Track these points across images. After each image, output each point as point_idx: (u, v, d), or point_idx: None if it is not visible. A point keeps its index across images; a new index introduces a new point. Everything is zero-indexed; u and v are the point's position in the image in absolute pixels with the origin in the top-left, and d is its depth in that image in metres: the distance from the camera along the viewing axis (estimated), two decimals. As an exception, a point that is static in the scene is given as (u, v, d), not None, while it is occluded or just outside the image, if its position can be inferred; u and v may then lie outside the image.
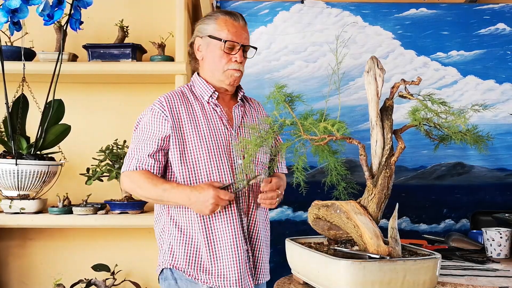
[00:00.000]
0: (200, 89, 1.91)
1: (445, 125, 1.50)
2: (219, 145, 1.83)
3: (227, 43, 1.84)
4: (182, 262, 1.81)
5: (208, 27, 1.89)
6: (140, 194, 1.82)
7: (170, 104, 1.84)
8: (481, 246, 2.22)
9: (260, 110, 2.06)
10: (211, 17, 1.91)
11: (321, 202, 1.65)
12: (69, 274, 2.72)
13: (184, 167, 1.80)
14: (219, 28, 1.86)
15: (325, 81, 2.67)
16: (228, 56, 1.86)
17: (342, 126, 1.52)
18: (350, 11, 2.80)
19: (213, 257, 1.80)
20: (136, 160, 1.79)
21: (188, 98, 1.89)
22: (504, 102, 2.78)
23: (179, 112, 1.84)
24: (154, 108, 1.84)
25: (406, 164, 2.74)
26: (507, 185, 2.74)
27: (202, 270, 1.81)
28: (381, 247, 1.44)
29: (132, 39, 2.71)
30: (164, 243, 1.88)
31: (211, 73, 1.90)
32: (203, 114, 1.87)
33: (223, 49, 1.85)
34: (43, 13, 2.04)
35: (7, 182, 2.40)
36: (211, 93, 1.89)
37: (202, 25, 1.92)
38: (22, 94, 2.48)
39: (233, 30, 1.86)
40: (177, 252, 1.83)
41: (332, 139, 1.54)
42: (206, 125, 1.84)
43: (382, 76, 1.56)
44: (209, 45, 1.88)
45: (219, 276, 1.80)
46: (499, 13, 2.81)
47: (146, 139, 1.82)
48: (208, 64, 1.90)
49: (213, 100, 1.89)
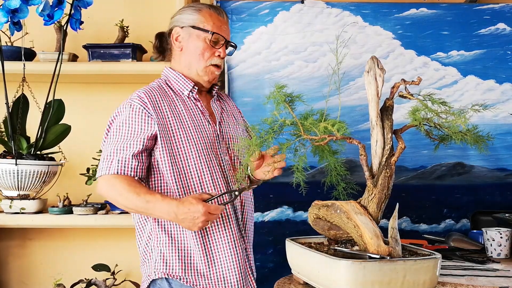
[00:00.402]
0: (178, 84, 1.79)
1: (445, 125, 1.50)
2: (206, 141, 1.72)
3: (214, 35, 1.74)
4: (178, 270, 1.67)
5: (191, 17, 1.78)
6: (120, 203, 1.64)
7: (151, 100, 1.69)
8: (481, 246, 2.22)
9: (232, 103, 1.99)
10: (193, 8, 1.80)
11: (321, 202, 1.65)
12: (69, 274, 2.72)
13: (174, 167, 1.68)
14: (204, 20, 1.76)
15: (325, 81, 2.67)
16: (212, 49, 1.76)
17: (342, 126, 1.52)
18: (350, 11, 2.80)
19: (210, 261, 1.69)
20: (117, 162, 1.61)
21: (167, 93, 1.76)
22: (504, 102, 2.78)
23: (161, 108, 1.70)
24: (134, 104, 1.68)
25: (406, 164, 2.73)
26: (507, 185, 2.74)
27: (200, 275, 1.69)
28: (381, 247, 1.44)
29: (132, 39, 2.71)
30: (153, 251, 1.72)
31: (188, 66, 1.79)
32: (186, 109, 1.75)
33: (208, 42, 1.75)
34: (43, 13, 2.04)
35: (7, 182, 2.40)
36: (191, 88, 1.78)
37: (182, 15, 1.81)
38: (22, 94, 2.48)
39: (218, 24, 1.78)
40: (170, 259, 1.69)
41: (332, 139, 1.54)
42: (191, 122, 1.73)
43: (382, 76, 1.56)
44: (191, 36, 1.77)
45: (219, 280, 1.70)
46: (499, 13, 2.81)
47: (128, 139, 1.65)
48: (188, 56, 1.78)
49: (194, 95, 1.78)
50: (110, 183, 1.63)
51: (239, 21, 2.76)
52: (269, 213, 2.66)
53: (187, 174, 1.70)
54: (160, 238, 1.71)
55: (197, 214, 1.56)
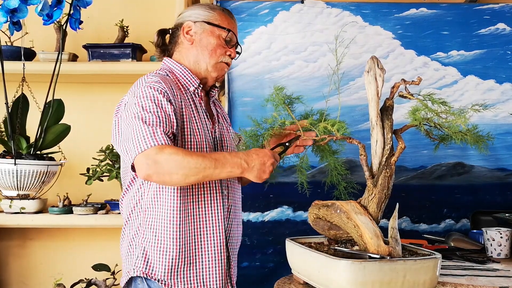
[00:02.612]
0: (185, 78, 1.72)
1: (445, 125, 1.51)
2: (206, 139, 1.67)
3: (230, 33, 1.73)
4: (158, 271, 1.60)
5: (205, 13, 1.74)
6: (180, 173, 1.45)
7: (168, 85, 1.60)
8: (481, 246, 2.22)
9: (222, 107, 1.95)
10: (206, 7, 1.78)
11: (321, 202, 1.65)
12: (69, 274, 2.72)
13: None
14: (218, 18, 1.74)
15: (325, 81, 2.66)
16: (225, 48, 1.73)
17: (342, 126, 1.52)
18: (350, 11, 2.80)
19: (192, 266, 1.63)
20: (163, 135, 1.47)
21: (177, 84, 1.69)
22: (504, 102, 2.78)
23: (176, 97, 1.62)
24: (154, 86, 1.56)
25: (406, 164, 2.73)
26: (507, 185, 2.74)
27: (179, 279, 1.62)
28: (381, 247, 1.44)
29: (132, 39, 2.71)
30: (136, 247, 1.65)
31: (196, 60, 1.73)
32: (193, 103, 1.70)
33: (222, 39, 1.72)
34: (42, 12, 2.04)
35: (6, 182, 2.40)
36: (197, 85, 1.72)
37: (194, 10, 1.76)
38: (22, 94, 2.48)
39: (232, 26, 1.77)
40: (152, 259, 1.61)
41: (332, 139, 1.54)
42: (198, 118, 1.68)
43: (382, 76, 1.56)
44: (205, 31, 1.72)
45: (199, 285, 1.65)
46: (499, 13, 2.81)
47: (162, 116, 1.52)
48: (197, 50, 1.72)
49: (198, 92, 1.74)
50: (163, 157, 1.44)
51: (239, 21, 2.74)
52: (269, 213, 2.66)
53: None
54: (146, 235, 1.63)
55: (266, 158, 1.54)
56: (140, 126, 1.49)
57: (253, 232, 2.64)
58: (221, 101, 2.78)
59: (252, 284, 2.59)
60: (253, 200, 2.60)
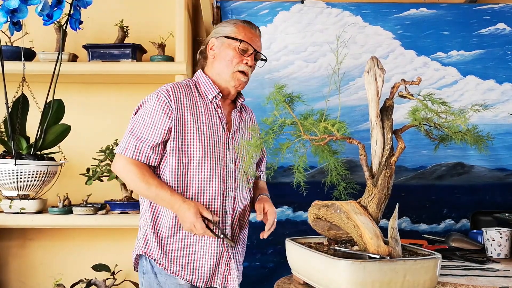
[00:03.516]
0: (205, 87, 1.91)
1: (445, 125, 1.51)
2: (216, 146, 1.84)
3: (242, 43, 1.87)
4: (155, 253, 1.81)
5: (225, 29, 1.92)
6: (131, 186, 1.86)
7: (176, 95, 1.83)
8: (481, 246, 2.22)
9: (253, 119, 2.10)
10: (229, 22, 1.97)
11: (321, 202, 1.65)
12: (69, 274, 2.72)
13: (180, 161, 1.79)
14: (236, 30, 1.90)
15: (325, 81, 2.67)
16: (241, 57, 1.88)
17: (342, 126, 1.52)
18: (350, 11, 2.80)
19: (186, 250, 1.82)
20: (134, 148, 1.78)
21: (192, 93, 1.89)
22: (504, 102, 2.78)
23: (183, 104, 1.83)
24: (160, 96, 1.82)
25: (406, 164, 2.73)
26: (507, 185, 2.74)
27: (172, 261, 1.81)
28: (381, 247, 1.44)
29: (132, 39, 2.71)
30: (141, 229, 1.89)
31: (218, 72, 1.91)
32: (206, 112, 1.87)
33: (237, 49, 1.87)
34: (42, 13, 2.04)
35: (6, 182, 2.40)
36: (216, 94, 1.89)
37: (219, 28, 1.96)
38: (22, 94, 2.48)
39: (249, 35, 1.90)
40: (150, 241, 1.83)
41: (332, 139, 1.54)
42: (207, 124, 1.85)
43: (382, 76, 1.56)
44: (223, 44, 1.90)
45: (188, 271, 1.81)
46: (499, 13, 2.81)
47: (150, 128, 1.80)
48: (218, 63, 1.91)
49: (216, 101, 1.90)
50: (127, 169, 1.79)
51: (239, 21, 2.76)
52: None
53: (189, 171, 1.81)
54: (147, 220, 1.86)
55: (187, 219, 1.74)
56: (127, 132, 1.82)
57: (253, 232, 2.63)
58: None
59: (252, 284, 2.59)
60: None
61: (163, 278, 1.81)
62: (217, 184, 1.82)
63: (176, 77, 2.54)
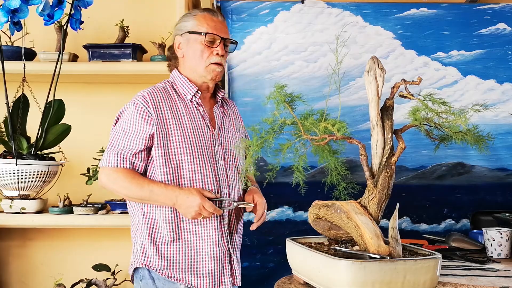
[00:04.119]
0: (183, 87, 1.87)
1: (445, 125, 1.50)
2: (203, 145, 1.81)
3: (207, 35, 1.83)
4: (155, 263, 1.78)
5: (187, 24, 1.88)
6: (124, 194, 1.78)
7: (153, 100, 1.79)
8: (481, 246, 2.22)
9: (236, 111, 2.07)
10: (189, 15, 1.91)
11: (322, 202, 1.65)
12: (69, 274, 2.72)
13: (168, 166, 1.76)
14: (198, 23, 1.85)
15: (326, 81, 2.66)
16: (210, 49, 1.84)
17: (343, 126, 1.52)
18: (350, 11, 2.80)
19: (188, 257, 1.78)
20: (117, 156, 1.74)
21: (171, 95, 1.85)
22: (505, 102, 2.78)
23: (163, 109, 1.80)
24: (137, 103, 1.78)
25: (406, 164, 2.73)
26: (508, 185, 2.74)
27: (175, 269, 1.78)
28: (381, 247, 1.44)
29: (133, 39, 2.71)
30: (137, 241, 1.84)
31: (192, 69, 1.87)
32: (187, 113, 1.84)
33: (204, 43, 1.83)
34: (43, 13, 2.04)
35: (7, 182, 2.41)
36: (195, 92, 1.86)
37: (180, 23, 1.91)
38: (23, 94, 2.48)
39: (212, 24, 1.85)
40: (149, 252, 1.79)
41: (332, 139, 1.54)
42: (190, 124, 1.82)
43: (383, 76, 1.55)
44: (189, 41, 1.86)
45: (193, 275, 1.78)
46: (500, 13, 2.81)
47: (130, 136, 1.77)
48: (190, 60, 1.87)
49: (196, 99, 1.87)
50: (112, 177, 1.75)
51: (239, 21, 2.76)
52: (269, 213, 2.66)
53: (179, 174, 1.78)
54: (143, 230, 1.81)
55: (193, 203, 1.69)
56: (108, 146, 1.79)
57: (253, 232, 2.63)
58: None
59: (252, 284, 2.59)
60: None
61: (161, 284, 1.78)
62: (210, 184, 1.80)
63: (176, 77, 2.54)
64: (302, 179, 1.57)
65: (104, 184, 1.78)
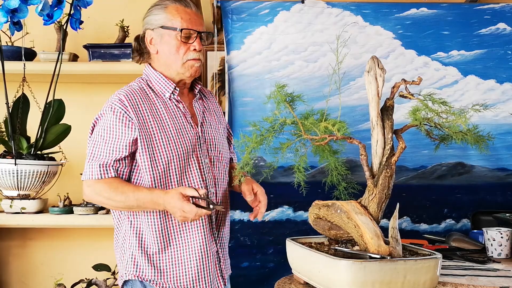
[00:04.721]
0: (160, 85, 1.77)
1: (445, 125, 1.50)
2: (187, 145, 1.72)
3: (183, 32, 1.72)
4: (148, 273, 1.70)
5: (159, 17, 1.75)
6: (110, 205, 1.70)
7: (131, 102, 1.68)
8: (481, 246, 2.22)
9: (214, 100, 1.97)
10: (159, 7, 1.77)
11: (322, 202, 1.65)
12: (69, 274, 2.72)
13: (155, 171, 1.68)
14: (171, 17, 1.73)
15: (326, 81, 2.66)
16: (186, 45, 1.73)
17: (343, 126, 1.52)
18: (350, 11, 2.80)
19: (178, 264, 1.71)
20: (99, 167, 1.65)
21: (148, 95, 1.75)
22: (505, 102, 2.77)
23: (142, 111, 1.69)
24: (115, 108, 1.67)
25: (406, 164, 2.73)
26: (508, 185, 2.74)
27: (169, 278, 1.71)
28: (381, 247, 1.44)
29: (133, 39, 2.70)
30: (126, 252, 1.75)
31: (167, 66, 1.77)
32: (167, 112, 1.74)
33: (180, 39, 1.72)
34: (43, 12, 2.04)
35: (7, 182, 2.40)
36: (173, 89, 1.76)
37: (150, 16, 1.78)
38: (23, 94, 2.48)
39: (187, 17, 1.74)
40: (140, 262, 1.71)
41: (332, 139, 1.54)
42: (172, 124, 1.72)
43: (383, 76, 1.55)
44: (163, 36, 1.75)
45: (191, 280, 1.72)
46: (500, 13, 2.81)
47: (112, 144, 1.67)
48: (165, 57, 1.76)
49: (175, 97, 1.77)
50: (96, 190, 1.66)
51: (239, 21, 2.76)
52: (269, 213, 2.66)
53: (166, 177, 1.70)
54: (132, 240, 1.73)
55: (174, 209, 1.60)
56: (88, 157, 1.70)
57: (253, 232, 2.64)
58: (221, 101, 2.78)
59: (252, 284, 2.59)
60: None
61: None
62: (197, 183, 1.72)
63: (176, 77, 2.53)
64: (303, 179, 1.57)
65: (88, 197, 1.70)
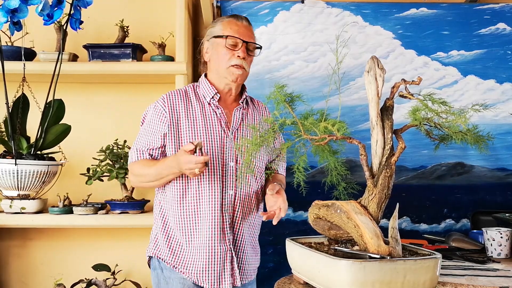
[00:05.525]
0: (203, 90, 1.97)
1: (445, 125, 1.50)
2: (213, 146, 1.87)
3: (228, 38, 1.90)
4: (165, 254, 1.91)
5: (213, 29, 1.97)
6: (142, 181, 1.91)
7: (170, 102, 1.91)
8: (481, 246, 2.22)
9: (264, 112, 2.09)
10: (216, 21, 2.00)
11: (322, 202, 1.65)
12: (69, 274, 2.72)
13: None
14: (222, 28, 1.94)
15: (326, 81, 2.67)
16: (232, 52, 1.90)
17: (343, 126, 1.52)
18: (350, 11, 2.80)
19: (191, 252, 1.87)
20: (136, 152, 1.91)
21: (189, 97, 1.95)
22: (505, 102, 2.78)
23: (178, 110, 1.91)
24: (157, 105, 1.92)
25: (406, 164, 2.73)
26: (508, 185, 2.74)
27: (179, 262, 1.89)
28: (381, 247, 1.44)
29: (133, 39, 2.71)
30: (153, 232, 1.99)
31: (216, 72, 1.95)
32: (202, 114, 1.92)
33: (226, 45, 1.90)
34: (43, 12, 2.04)
35: (7, 182, 2.40)
36: (213, 95, 1.94)
37: (209, 29, 2.01)
38: (23, 94, 2.48)
39: (236, 28, 1.93)
40: (161, 243, 1.92)
41: (332, 139, 1.54)
42: (203, 126, 1.89)
43: (383, 76, 1.55)
44: (214, 44, 1.95)
45: (196, 271, 1.86)
46: (500, 13, 2.81)
47: (148, 135, 1.91)
48: (214, 63, 1.96)
49: (214, 102, 1.94)
50: (133, 171, 1.92)
51: (239, 21, 2.75)
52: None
53: None
54: (157, 223, 1.96)
55: (181, 165, 1.73)
56: (134, 143, 1.96)
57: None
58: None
59: (252, 284, 2.58)
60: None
61: (168, 273, 1.90)
62: (216, 183, 1.86)
63: (176, 77, 2.54)
64: (303, 179, 1.57)
65: (131, 180, 1.97)
